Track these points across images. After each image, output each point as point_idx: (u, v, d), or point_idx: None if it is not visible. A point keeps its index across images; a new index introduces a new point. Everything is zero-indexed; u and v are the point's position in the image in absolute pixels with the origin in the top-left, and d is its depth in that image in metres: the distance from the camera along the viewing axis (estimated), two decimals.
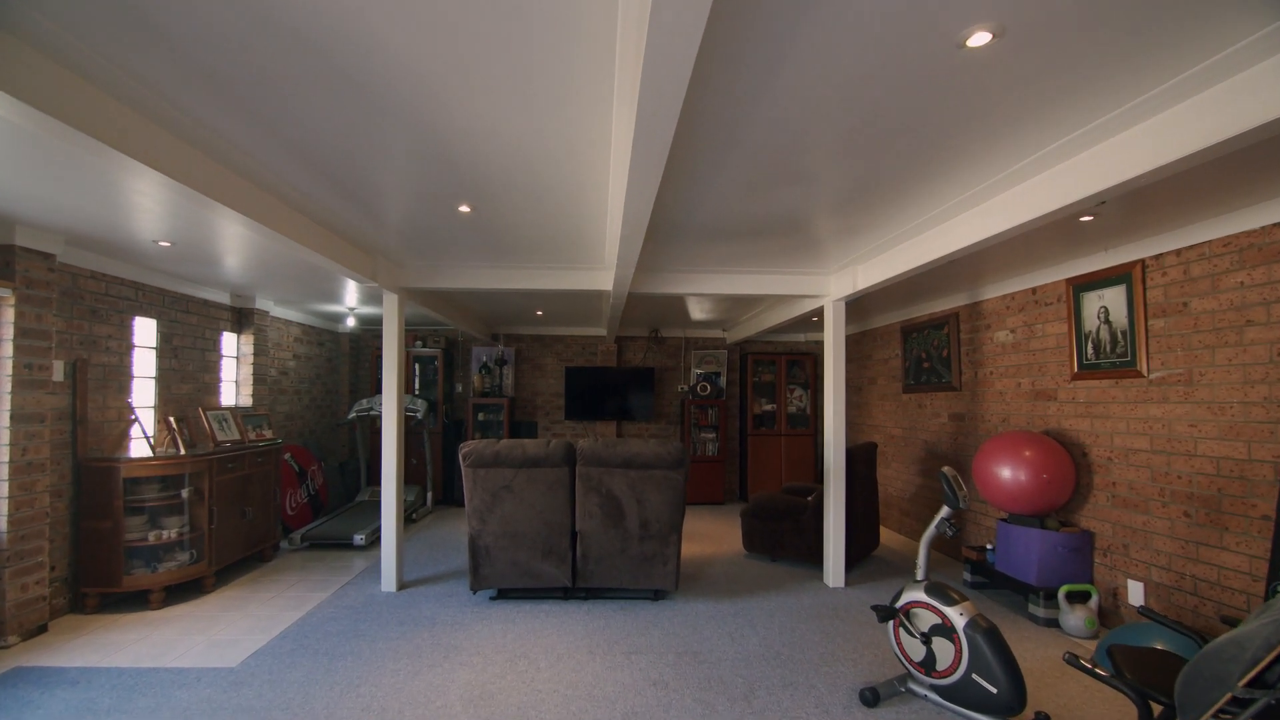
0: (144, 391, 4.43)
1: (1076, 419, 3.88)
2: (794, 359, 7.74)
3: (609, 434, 7.85)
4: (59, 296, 3.66)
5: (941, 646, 2.59)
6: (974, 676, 2.48)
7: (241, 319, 5.50)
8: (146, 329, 4.44)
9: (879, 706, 2.71)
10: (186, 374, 4.81)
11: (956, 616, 2.55)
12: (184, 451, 4.22)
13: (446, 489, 7.48)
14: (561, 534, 3.95)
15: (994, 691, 2.42)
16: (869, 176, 2.59)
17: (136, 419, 4.16)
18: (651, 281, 4.51)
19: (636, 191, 2.28)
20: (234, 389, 5.50)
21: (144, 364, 4.42)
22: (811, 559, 4.80)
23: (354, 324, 7.01)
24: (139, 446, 4.16)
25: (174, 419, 4.38)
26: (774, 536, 4.99)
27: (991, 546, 4.25)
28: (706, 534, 6.04)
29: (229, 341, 5.41)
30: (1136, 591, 3.43)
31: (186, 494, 4.10)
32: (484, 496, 3.92)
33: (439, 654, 3.22)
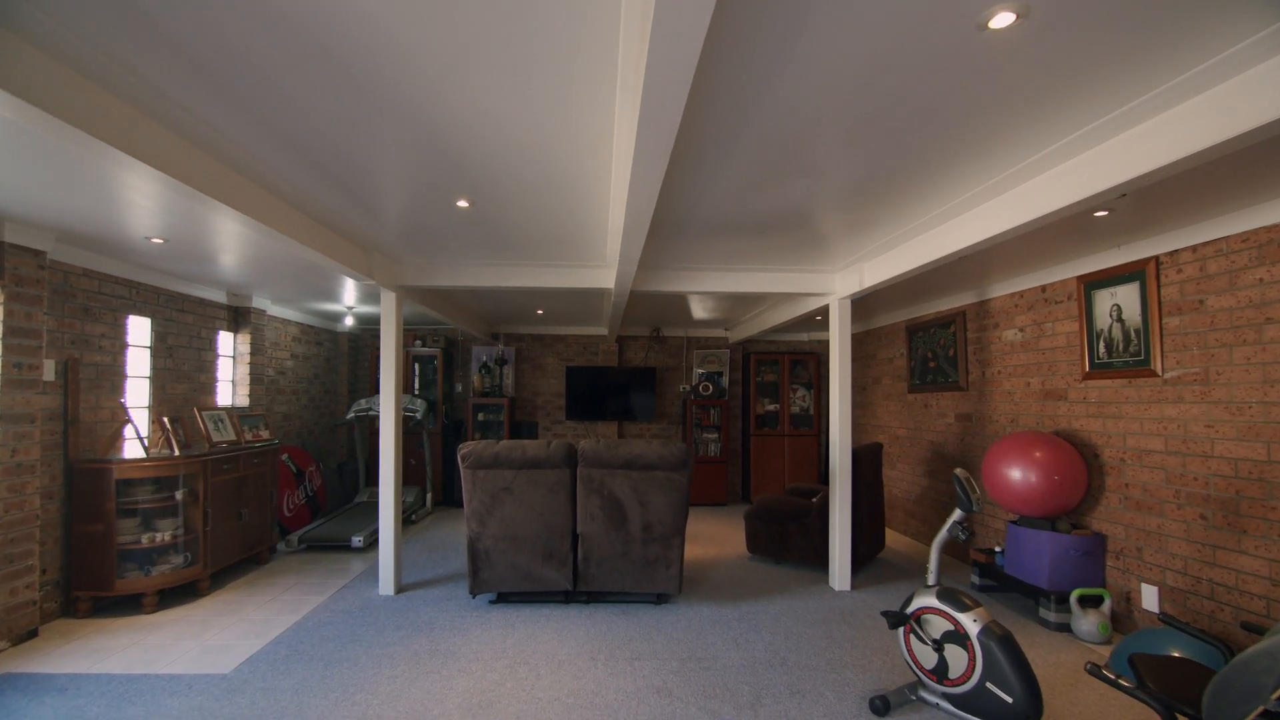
0: (138, 391, 4.35)
1: (1088, 419, 3.80)
2: (797, 358, 7.66)
3: (610, 434, 7.77)
4: (50, 294, 3.59)
5: (954, 654, 2.51)
6: (988, 685, 2.40)
7: (238, 318, 5.43)
8: (141, 328, 4.37)
9: (890, 716, 2.63)
10: (182, 373, 4.74)
11: (970, 623, 2.47)
12: (178, 452, 4.14)
13: (446, 490, 7.41)
14: (562, 537, 3.87)
15: (1009, 701, 2.34)
16: (881, 168, 2.51)
17: (130, 419, 4.09)
18: (654, 279, 4.43)
19: (640, 181, 2.21)
20: (230, 389, 5.42)
21: (138, 363, 4.34)
22: (817, 561, 4.73)
23: (352, 323, 6.93)
24: (132, 447, 4.08)
25: (168, 419, 4.30)
26: (778, 539, 4.91)
27: (1000, 549, 4.17)
28: (709, 536, 5.96)
29: (225, 340, 5.33)
30: (1150, 596, 3.35)
31: (181, 496, 4.03)
32: (483, 498, 3.85)
33: (437, 660, 3.14)
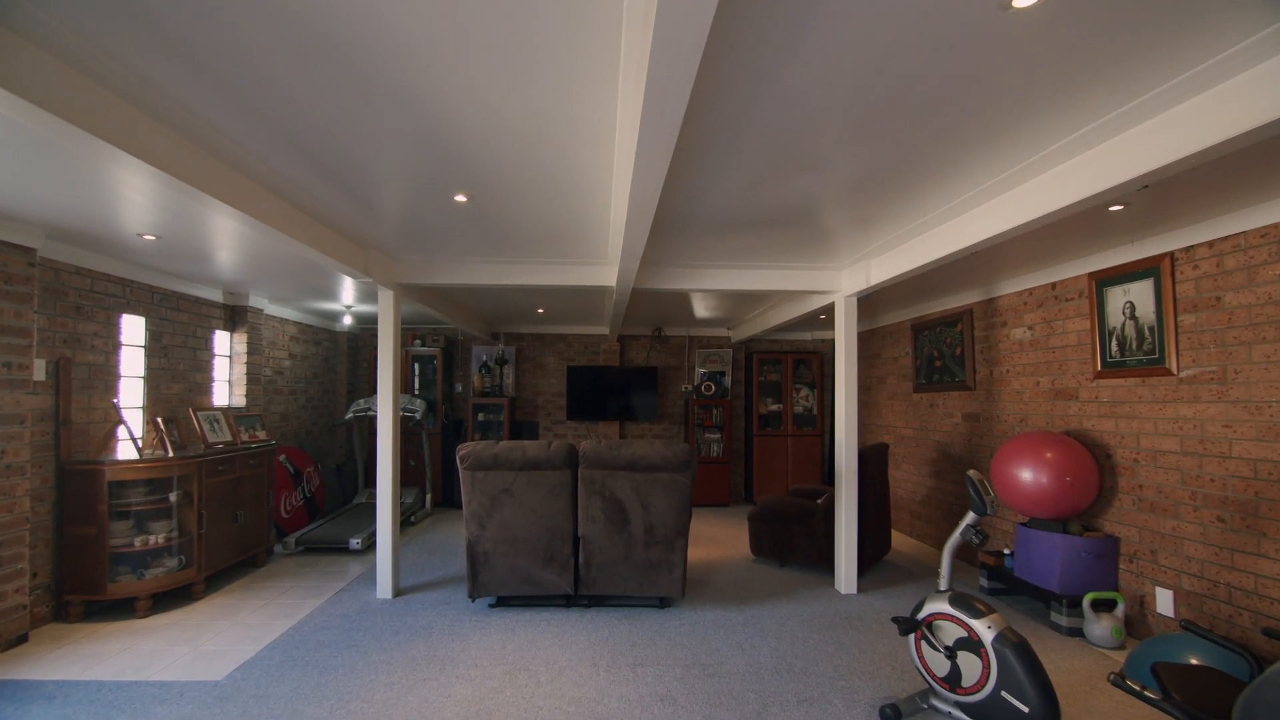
0: (132, 391, 4.28)
1: (1100, 419, 3.72)
2: (800, 358, 7.59)
3: (612, 435, 7.70)
4: (41, 292, 3.51)
5: (967, 661, 2.44)
6: (1003, 694, 2.32)
7: (234, 317, 5.36)
8: (135, 327, 4.29)
9: None
10: (177, 373, 4.67)
11: (984, 630, 2.39)
12: (172, 453, 4.07)
13: (446, 491, 7.33)
14: (563, 539, 3.80)
15: (1025, 711, 2.26)
16: (891, 159, 2.42)
17: (123, 420, 4.01)
18: (656, 277, 4.35)
19: (643, 174, 2.13)
20: (227, 389, 5.35)
21: (132, 363, 4.27)
22: (822, 564, 4.65)
23: (351, 322, 6.86)
24: (125, 448, 4.01)
25: (162, 420, 4.23)
26: (783, 541, 4.84)
27: (1010, 551, 4.09)
28: (712, 537, 5.88)
29: (221, 340, 5.26)
30: (1165, 600, 3.27)
31: (175, 497, 3.96)
32: (483, 500, 3.77)
33: (435, 666, 3.07)
